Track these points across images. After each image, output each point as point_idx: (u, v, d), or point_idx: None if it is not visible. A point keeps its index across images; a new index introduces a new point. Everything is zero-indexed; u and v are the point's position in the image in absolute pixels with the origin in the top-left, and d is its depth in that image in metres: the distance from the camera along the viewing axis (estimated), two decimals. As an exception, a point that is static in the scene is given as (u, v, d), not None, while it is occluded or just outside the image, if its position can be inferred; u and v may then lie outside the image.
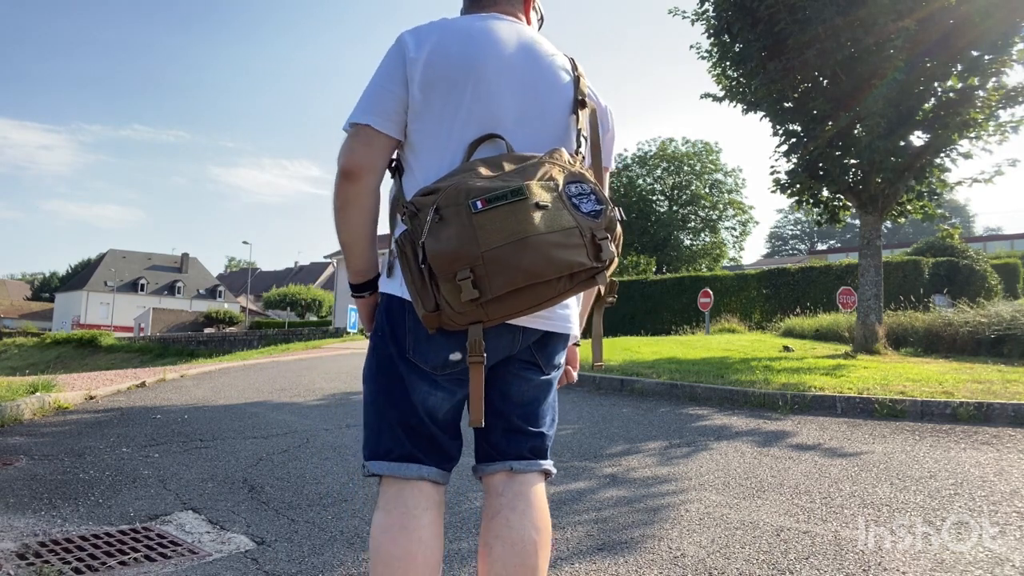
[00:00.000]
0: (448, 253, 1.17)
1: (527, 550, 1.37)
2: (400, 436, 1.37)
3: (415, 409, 1.37)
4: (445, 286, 1.19)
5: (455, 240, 1.17)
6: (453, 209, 1.19)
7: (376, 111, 1.36)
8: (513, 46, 1.42)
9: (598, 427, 5.24)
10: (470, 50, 1.38)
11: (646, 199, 39.03)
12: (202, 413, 6.12)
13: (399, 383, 1.37)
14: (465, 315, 1.21)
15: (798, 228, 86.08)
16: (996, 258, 23.02)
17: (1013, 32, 8.66)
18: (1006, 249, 33.48)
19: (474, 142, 1.35)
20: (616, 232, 1.28)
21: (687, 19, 10.70)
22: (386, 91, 1.37)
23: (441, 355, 1.33)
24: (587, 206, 1.26)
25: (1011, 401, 5.26)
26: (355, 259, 1.42)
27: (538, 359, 1.44)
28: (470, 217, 1.18)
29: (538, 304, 1.23)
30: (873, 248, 9.90)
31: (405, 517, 1.32)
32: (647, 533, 2.81)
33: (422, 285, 1.23)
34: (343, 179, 1.36)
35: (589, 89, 1.49)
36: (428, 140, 1.38)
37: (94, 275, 71.71)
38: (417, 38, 1.38)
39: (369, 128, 1.35)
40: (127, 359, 37.51)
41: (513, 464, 1.44)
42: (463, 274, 1.17)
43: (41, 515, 3.06)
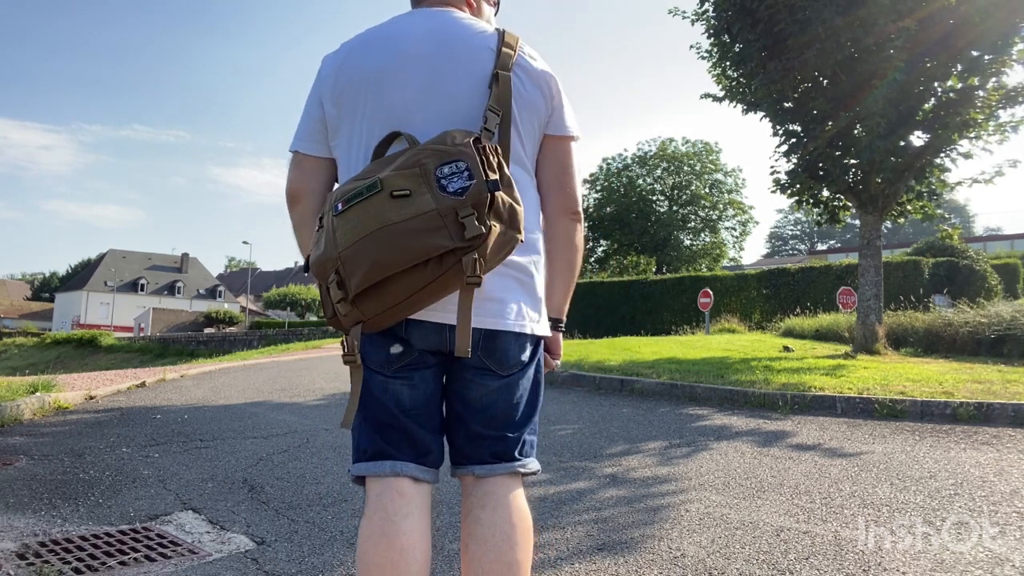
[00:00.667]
0: (318, 260, 1.23)
1: (500, 546, 1.34)
2: (371, 433, 1.38)
3: (380, 403, 1.37)
4: (329, 291, 1.23)
5: (323, 246, 1.22)
6: (327, 216, 1.24)
7: (302, 136, 1.45)
8: (419, 39, 1.40)
9: (598, 427, 5.24)
10: (373, 55, 1.40)
11: (646, 199, 39.01)
12: (202, 413, 6.12)
13: (364, 383, 1.38)
14: (348, 317, 1.24)
15: (798, 228, 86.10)
16: (996, 258, 23.02)
17: (1013, 32, 8.66)
18: (1006, 249, 33.49)
19: (380, 145, 1.35)
20: (495, 205, 1.19)
21: (687, 19, 10.70)
22: (308, 115, 1.45)
23: (382, 351, 1.35)
24: (455, 184, 1.19)
25: (1011, 401, 5.26)
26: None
27: (488, 363, 1.37)
28: (331, 220, 1.22)
29: (415, 294, 1.20)
30: (873, 248, 9.90)
31: (385, 523, 1.30)
32: (647, 533, 2.81)
33: (322, 293, 1.27)
34: (288, 204, 1.47)
35: (520, 60, 1.40)
36: (343, 153, 1.42)
37: (94, 275, 71.72)
38: (331, 58, 1.46)
39: (298, 153, 1.45)
40: (127, 359, 37.52)
41: (475, 469, 1.42)
42: (331, 277, 1.21)
43: (41, 515, 3.06)
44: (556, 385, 7.59)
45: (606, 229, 38.22)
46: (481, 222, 1.17)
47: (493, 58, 1.37)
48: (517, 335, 1.38)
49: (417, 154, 1.24)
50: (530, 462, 1.47)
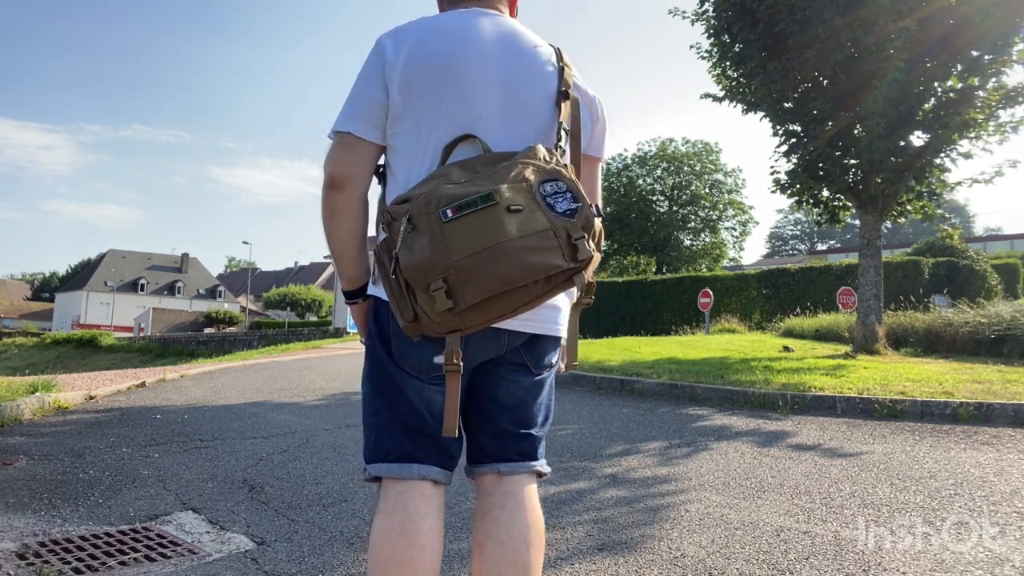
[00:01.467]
0: (420, 264, 1.17)
1: (518, 548, 1.36)
2: (398, 436, 1.36)
3: (412, 407, 1.35)
4: (421, 296, 1.19)
5: (427, 251, 1.17)
6: (424, 219, 1.19)
7: (357, 118, 1.35)
8: (492, 40, 1.38)
9: (598, 427, 5.24)
10: (448, 48, 1.35)
11: (646, 199, 39.03)
12: (202, 413, 6.12)
13: (392, 384, 1.36)
14: (442, 324, 1.21)
15: (798, 228, 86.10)
16: (996, 258, 23.02)
17: (1013, 32, 8.66)
18: (1006, 249, 33.49)
19: (449, 144, 1.33)
20: (595, 229, 1.24)
21: (687, 19, 10.71)
22: (366, 97, 1.36)
23: (425, 358, 1.33)
24: (562, 205, 1.23)
25: (1011, 401, 5.26)
26: (346, 267, 1.41)
27: (527, 360, 1.43)
28: (441, 226, 1.17)
29: (516, 309, 1.22)
30: (873, 248, 9.90)
31: (406, 521, 1.30)
32: (647, 533, 2.81)
33: (399, 295, 1.23)
34: (329, 188, 1.35)
35: (575, 80, 1.45)
36: (407, 144, 1.36)
37: (94, 275, 71.73)
38: (395, 40, 1.37)
39: (351, 136, 1.35)
40: (127, 359, 37.53)
41: (501, 467, 1.44)
42: (436, 284, 1.16)
43: (41, 515, 3.06)
44: (556, 385, 7.59)
45: (606, 229, 38.23)
46: (590, 245, 1.23)
47: (558, 75, 1.42)
48: (554, 339, 1.47)
49: (519, 168, 1.25)
50: (545, 462, 1.52)
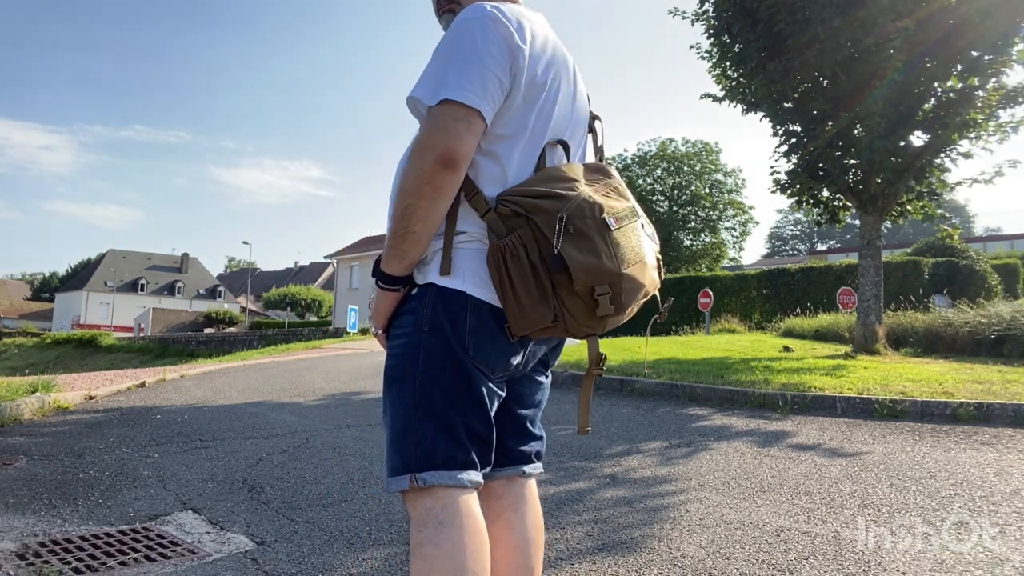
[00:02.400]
0: (593, 268, 1.17)
1: (528, 551, 1.38)
2: (463, 440, 1.26)
3: (484, 409, 1.29)
4: (571, 300, 1.18)
5: (601, 256, 1.17)
6: (590, 222, 1.19)
7: (487, 97, 1.21)
8: (554, 43, 1.37)
9: (598, 427, 5.23)
10: (547, 44, 1.33)
11: (646, 199, 39.03)
12: (202, 413, 6.12)
13: (464, 383, 1.26)
14: (589, 327, 1.23)
15: (798, 228, 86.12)
16: (996, 258, 23.03)
17: (1013, 32, 8.66)
18: (1006, 249, 33.50)
19: (548, 145, 1.34)
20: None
21: (687, 19, 10.71)
22: (493, 76, 1.22)
23: (503, 358, 1.29)
24: (649, 229, 1.34)
25: (1011, 401, 5.26)
26: (418, 249, 1.26)
27: (549, 360, 1.48)
28: (608, 234, 1.20)
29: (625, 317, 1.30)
30: (873, 248, 9.90)
31: (479, 524, 1.25)
32: (647, 533, 2.81)
33: (541, 296, 1.19)
34: (443, 167, 1.18)
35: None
36: (517, 137, 1.29)
37: (94, 275, 71.74)
38: (519, 25, 1.27)
39: (478, 113, 1.20)
40: (127, 359, 37.52)
41: (525, 468, 1.45)
42: (602, 290, 1.17)
43: (41, 515, 3.06)
44: (556, 385, 7.59)
45: (606, 229, 38.19)
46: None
47: (585, 93, 1.49)
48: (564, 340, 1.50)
49: (621, 185, 1.35)
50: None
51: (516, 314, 1.21)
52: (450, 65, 1.21)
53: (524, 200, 1.21)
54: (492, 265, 1.22)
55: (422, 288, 1.29)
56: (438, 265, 1.27)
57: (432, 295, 1.27)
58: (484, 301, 1.25)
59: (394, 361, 1.30)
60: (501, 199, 1.24)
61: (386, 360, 1.33)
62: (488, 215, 1.24)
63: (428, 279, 1.28)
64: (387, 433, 1.30)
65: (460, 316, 1.25)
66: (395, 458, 1.26)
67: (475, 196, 1.25)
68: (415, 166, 1.19)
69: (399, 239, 1.24)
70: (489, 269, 1.24)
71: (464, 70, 1.20)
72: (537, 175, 1.29)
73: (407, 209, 1.21)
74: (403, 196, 1.21)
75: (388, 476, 1.28)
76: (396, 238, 1.24)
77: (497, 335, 1.26)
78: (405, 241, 1.24)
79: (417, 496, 1.24)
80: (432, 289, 1.27)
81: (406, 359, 1.28)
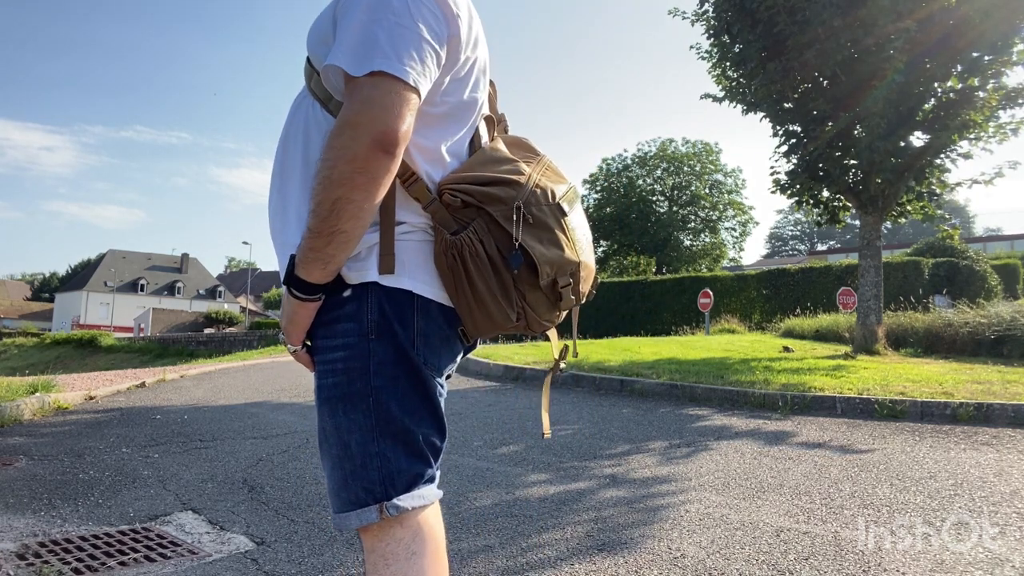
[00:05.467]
0: (557, 260, 1.09)
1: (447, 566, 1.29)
2: (424, 452, 1.14)
3: (439, 416, 1.17)
4: (534, 294, 1.10)
5: (561, 246, 1.10)
6: (546, 209, 1.10)
7: (425, 72, 1.04)
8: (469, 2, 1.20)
9: (598, 427, 5.23)
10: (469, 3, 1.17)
11: (646, 199, 39.03)
12: (202, 413, 6.12)
13: (421, 391, 1.13)
14: (549, 321, 1.15)
15: (798, 229, 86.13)
16: (996, 259, 23.04)
17: (1013, 33, 8.67)
18: (1006, 250, 33.52)
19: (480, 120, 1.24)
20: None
21: (687, 20, 10.73)
22: (432, 50, 1.05)
23: (450, 359, 1.19)
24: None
25: (1011, 402, 5.26)
26: (346, 252, 1.06)
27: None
28: (564, 220, 1.12)
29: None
30: (873, 249, 9.91)
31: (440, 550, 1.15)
32: (647, 533, 2.81)
33: (504, 294, 1.09)
34: (380, 151, 0.99)
35: None
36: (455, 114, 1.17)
37: (94, 275, 71.72)
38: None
39: (416, 91, 1.02)
40: (127, 359, 37.51)
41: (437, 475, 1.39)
42: (564, 281, 1.10)
43: (41, 515, 3.06)
44: (556, 386, 7.59)
45: (606, 229, 38.26)
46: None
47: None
48: None
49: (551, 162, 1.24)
50: None
51: (478, 316, 1.10)
52: (379, 27, 1.01)
53: (474, 189, 1.09)
54: (445, 264, 1.10)
55: (359, 289, 1.10)
56: (376, 261, 1.10)
57: (375, 296, 1.10)
58: (431, 299, 1.12)
59: (336, 379, 1.11)
60: (446, 188, 1.10)
61: (319, 379, 1.14)
62: (432, 206, 1.10)
63: (367, 278, 1.10)
64: (333, 463, 1.12)
65: (408, 318, 1.11)
66: (354, 489, 1.09)
67: (414, 183, 1.09)
68: (346, 150, 0.98)
69: (323, 240, 1.02)
70: (439, 268, 1.12)
71: (397, 36, 1.01)
72: (474, 157, 1.18)
73: (336, 203, 0.99)
74: (330, 187, 0.99)
75: (342, 511, 1.10)
76: (319, 239, 1.02)
77: (448, 335, 1.15)
78: (331, 243, 1.02)
79: (385, 528, 1.09)
80: (375, 289, 1.10)
81: (353, 374, 1.10)
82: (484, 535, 2.78)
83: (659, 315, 20.64)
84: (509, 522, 2.96)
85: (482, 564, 2.49)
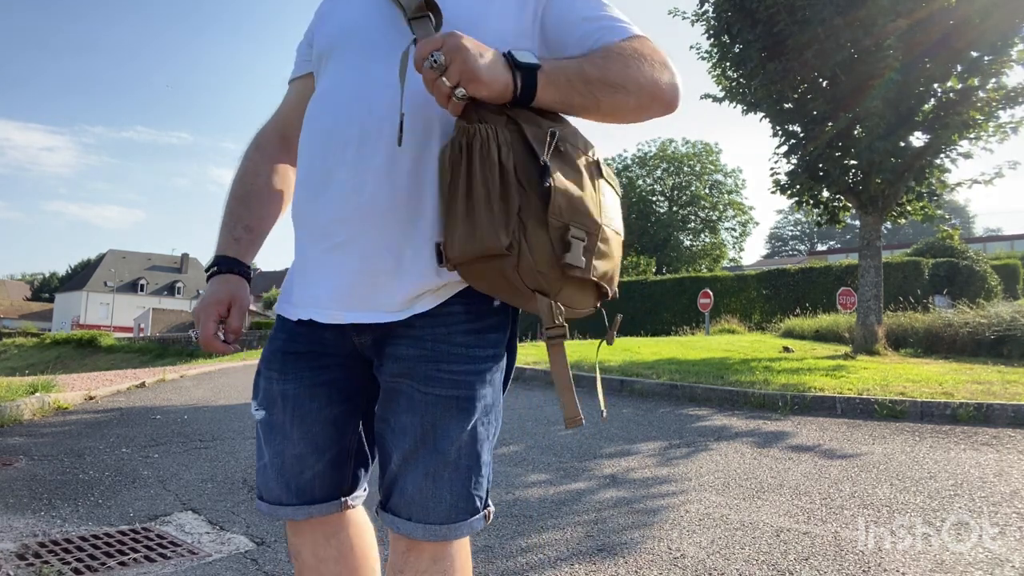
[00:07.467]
0: (577, 200, 0.91)
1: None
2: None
3: None
4: (537, 232, 0.90)
5: (585, 192, 0.94)
6: (581, 154, 0.97)
7: None
8: None
9: (597, 427, 5.23)
10: None
11: (646, 200, 39.07)
12: (202, 413, 6.12)
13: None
14: (544, 278, 0.92)
15: (798, 229, 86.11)
16: (996, 259, 23.01)
17: (1013, 33, 8.67)
18: (1006, 250, 33.46)
19: None
20: None
21: (687, 20, 10.73)
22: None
23: None
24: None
25: (1011, 402, 5.26)
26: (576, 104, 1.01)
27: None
28: (598, 179, 0.98)
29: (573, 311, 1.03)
30: (873, 249, 9.91)
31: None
32: (647, 533, 2.81)
33: (503, 210, 0.89)
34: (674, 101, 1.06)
35: None
36: None
37: (94, 275, 71.70)
38: None
39: None
40: (127, 359, 37.49)
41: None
42: (577, 233, 0.91)
43: (41, 515, 3.06)
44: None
45: (606, 230, 38.23)
46: None
47: None
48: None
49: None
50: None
51: (463, 227, 0.90)
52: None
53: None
54: (447, 158, 0.94)
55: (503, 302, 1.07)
56: None
57: (513, 309, 1.11)
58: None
59: (484, 389, 1.06)
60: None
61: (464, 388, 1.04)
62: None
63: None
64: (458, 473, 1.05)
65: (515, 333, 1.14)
66: (474, 498, 1.06)
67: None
68: (671, 84, 1.04)
69: (585, 87, 0.97)
70: (440, 164, 0.97)
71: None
72: None
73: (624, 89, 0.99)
74: (637, 83, 1.00)
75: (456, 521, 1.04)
76: (586, 84, 0.97)
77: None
78: (587, 92, 0.97)
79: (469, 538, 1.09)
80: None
81: (495, 385, 1.09)
82: (484, 535, 2.78)
83: (659, 315, 20.63)
84: (509, 522, 2.96)
85: (482, 564, 2.49)
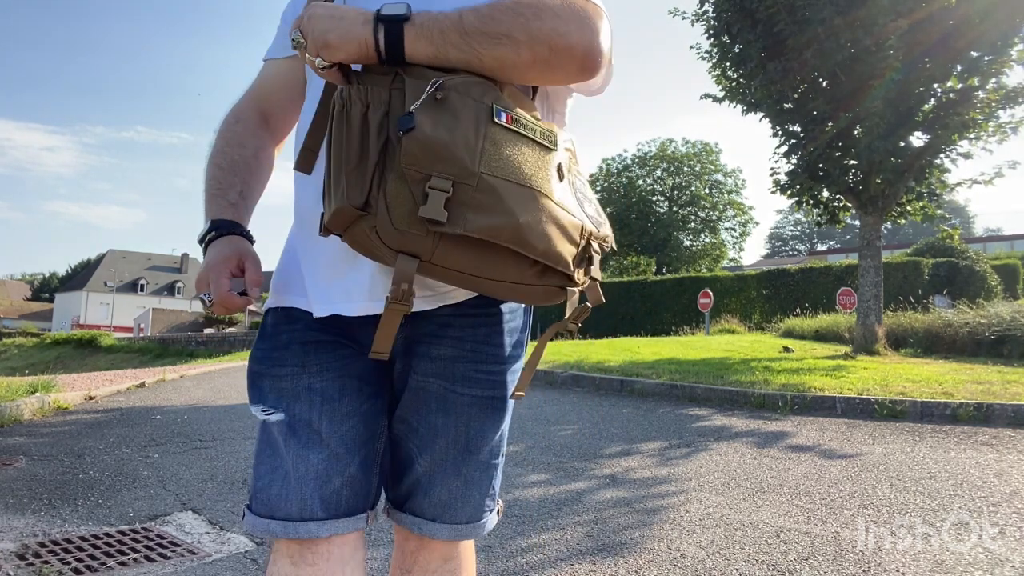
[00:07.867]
0: (436, 144, 0.79)
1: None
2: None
3: None
4: (396, 185, 0.81)
5: (456, 136, 0.81)
6: (470, 102, 0.84)
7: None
8: None
9: (598, 427, 5.23)
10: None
11: (646, 200, 39.09)
12: (202, 413, 6.12)
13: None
14: (402, 235, 0.81)
15: (798, 229, 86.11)
16: (996, 259, 23.02)
17: (1013, 33, 8.67)
18: (1006, 250, 33.48)
19: None
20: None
21: (687, 20, 10.73)
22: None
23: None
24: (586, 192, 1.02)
25: (1011, 402, 5.26)
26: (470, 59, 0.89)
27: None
28: (490, 126, 0.84)
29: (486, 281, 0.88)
30: (873, 249, 9.90)
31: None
32: (647, 533, 2.81)
33: (358, 165, 0.82)
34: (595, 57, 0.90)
35: None
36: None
37: (94, 275, 71.70)
38: None
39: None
40: (127, 359, 37.48)
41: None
42: (440, 183, 0.80)
43: (41, 515, 3.06)
44: (556, 386, 7.59)
45: (606, 230, 38.24)
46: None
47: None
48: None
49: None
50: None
51: (330, 194, 0.85)
52: None
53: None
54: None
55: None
56: None
57: (531, 307, 1.12)
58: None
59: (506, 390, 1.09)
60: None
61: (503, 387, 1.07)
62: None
63: None
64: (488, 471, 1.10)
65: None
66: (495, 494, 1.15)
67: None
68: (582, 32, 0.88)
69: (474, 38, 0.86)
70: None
71: None
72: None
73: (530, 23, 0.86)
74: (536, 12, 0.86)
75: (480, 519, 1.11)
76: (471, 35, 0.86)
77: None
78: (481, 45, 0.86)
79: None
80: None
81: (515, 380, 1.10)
82: (483, 535, 2.78)
83: (659, 315, 20.64)
84: (509, 522, 2.96)
85: (482, 564, 2.49)
